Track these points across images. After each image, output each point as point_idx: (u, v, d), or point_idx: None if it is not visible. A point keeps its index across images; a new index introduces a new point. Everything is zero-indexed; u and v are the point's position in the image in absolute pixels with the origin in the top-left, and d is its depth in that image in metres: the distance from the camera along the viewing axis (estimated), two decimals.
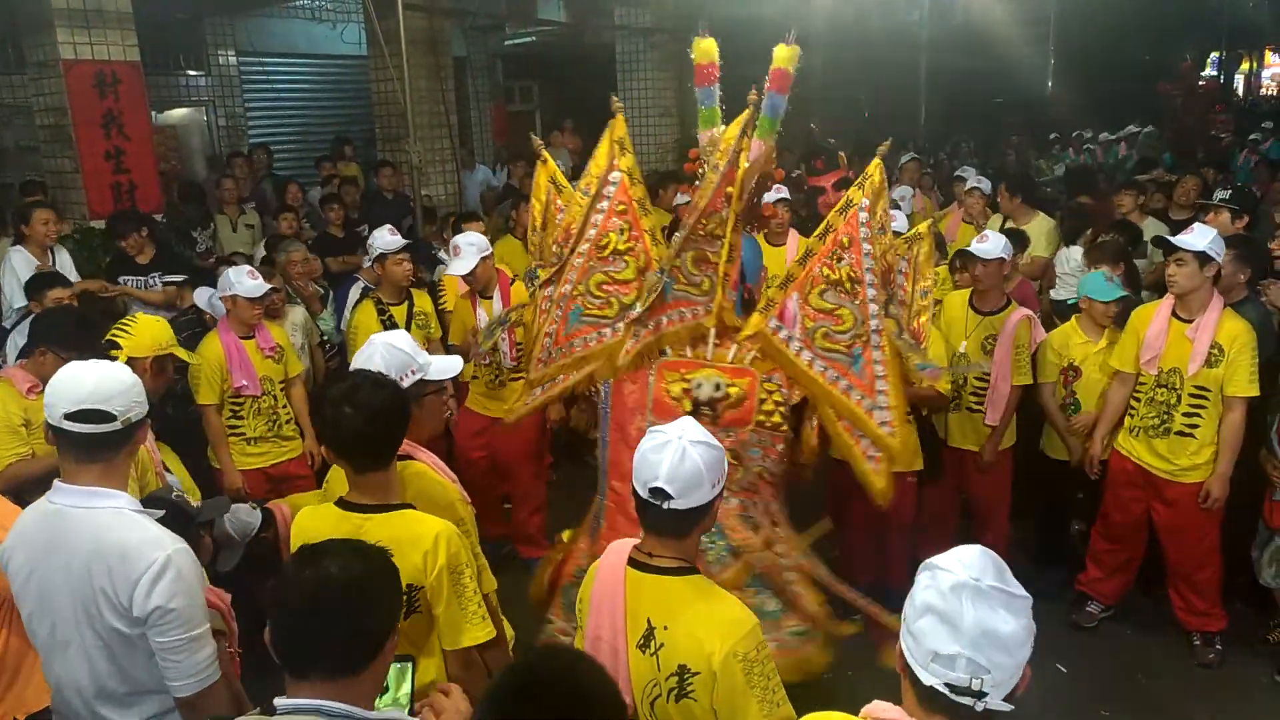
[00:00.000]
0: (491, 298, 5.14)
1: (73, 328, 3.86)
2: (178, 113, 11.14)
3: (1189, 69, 17.63)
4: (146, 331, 3.81)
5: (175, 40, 10.63)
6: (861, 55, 13.52)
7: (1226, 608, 4.45)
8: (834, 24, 11.79)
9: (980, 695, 1.55)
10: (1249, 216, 5.73)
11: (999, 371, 4.68)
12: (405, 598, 2.35)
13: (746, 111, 3.56)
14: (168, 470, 3.78)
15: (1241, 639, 4.51)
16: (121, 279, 6.04)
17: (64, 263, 5.97)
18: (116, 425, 2.35)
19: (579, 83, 12.69)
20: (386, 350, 2.83)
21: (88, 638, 2.36)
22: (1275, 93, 24.37)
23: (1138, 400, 4.40)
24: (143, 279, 6.09)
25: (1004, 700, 1.58)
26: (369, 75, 9.75)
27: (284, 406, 4.77)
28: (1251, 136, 12.61)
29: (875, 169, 3.63)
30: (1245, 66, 24.96)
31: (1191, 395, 4.19)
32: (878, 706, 1.71)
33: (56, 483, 2.41)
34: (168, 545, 2.33)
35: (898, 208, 6.21)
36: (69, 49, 6.54)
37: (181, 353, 3.97)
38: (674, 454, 2.18)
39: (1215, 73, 22.86)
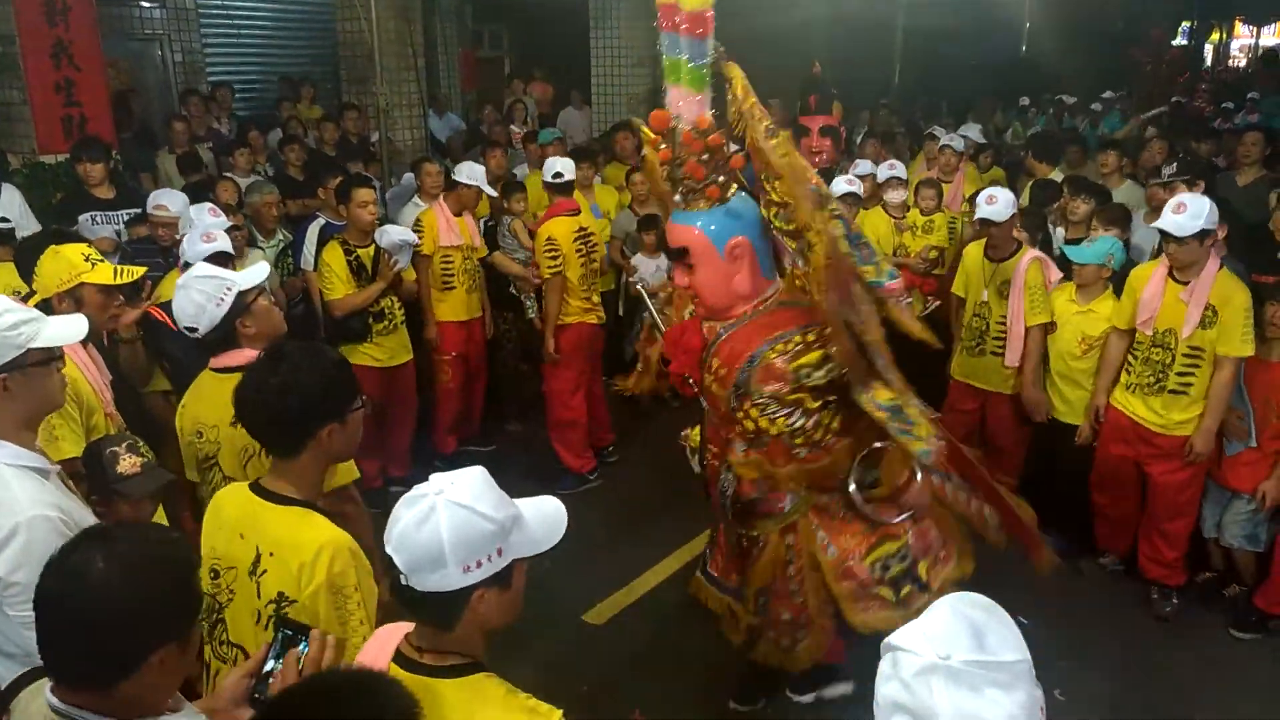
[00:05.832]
0: None
1: None
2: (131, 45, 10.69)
3: (1159, 37, 17.69)
4: (47, 269, 3.40)
5: None
6: (836, 13, 13.37)
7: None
8: None
9: None
10: (1204, 181, 5.71)
11: (1013, 313, 4.90)
12: (274, 606, 2.15)
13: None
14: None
15: (1199, 595, 4.68)
16: (85, 215, 5.54)
17: (12, 200, 5.62)
18: None
19: (549, 30, 12.40)
20: (200, 284, 2.92)
21: None
22: (1244, 64, 24.46)
23: (1134, 358, 4.50)
24: (115, 214, 5.59)
25: None
26: (335, 14, 9.45)
27: None
28: (1224, 105, 12.64)
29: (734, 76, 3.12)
30: (1215, 37, 25.07)
31: (1185, 355, 4.28)
32: None
33: None
34: (22, 512, 2.16)
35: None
36: None
37: (101, 274, 3.39)
38: (416, 515, 1.68)
39: (1186, 42, 22.96)
